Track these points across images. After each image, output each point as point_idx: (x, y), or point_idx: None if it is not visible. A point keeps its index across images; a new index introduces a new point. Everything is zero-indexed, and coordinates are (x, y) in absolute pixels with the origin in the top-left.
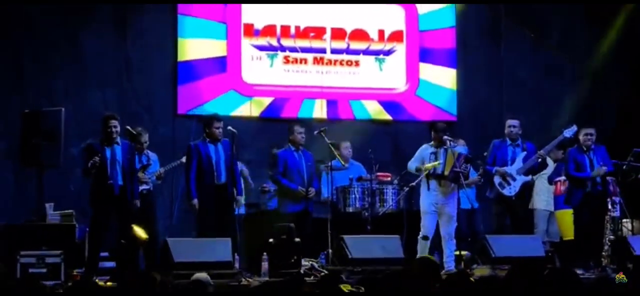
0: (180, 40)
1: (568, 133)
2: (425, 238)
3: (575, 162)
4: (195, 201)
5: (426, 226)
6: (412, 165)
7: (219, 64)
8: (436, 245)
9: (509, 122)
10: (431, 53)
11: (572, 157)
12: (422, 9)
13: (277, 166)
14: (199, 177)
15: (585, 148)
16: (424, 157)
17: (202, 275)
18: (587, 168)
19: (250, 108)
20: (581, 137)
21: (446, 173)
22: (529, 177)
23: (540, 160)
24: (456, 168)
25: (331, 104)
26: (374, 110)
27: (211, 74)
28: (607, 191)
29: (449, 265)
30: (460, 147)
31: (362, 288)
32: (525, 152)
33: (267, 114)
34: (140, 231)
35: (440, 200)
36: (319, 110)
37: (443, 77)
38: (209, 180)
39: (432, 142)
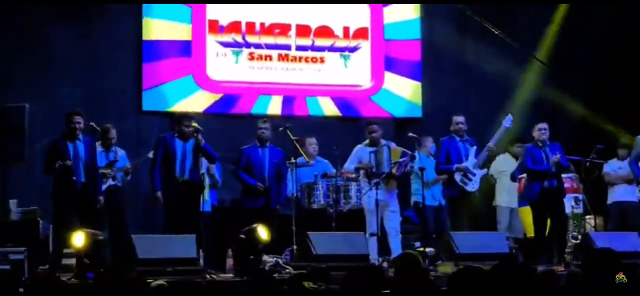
0: (145, 20)
1: (506, 122)
2: (372, 235)
3: (531, 157)
4: (159, 193)
5: (372, 224)
6: (350, 166)
7: (183, 48)
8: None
9: (456, 118)
10: (395, 63)
11: (529, 151)
12: (388, 17)
13: (240, 161)
14: (165, 172)
15: (540, 144)
16: (361, 157)
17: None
18: (544, 162)
19: (217, 105)
20: (535, 133)
21: (393, 171)
22: (485, 171)
23: (489, 152)
24: (404, 166)
25: (296, 101)
26: (339, 107)
27: (176, 71)
28: (562, 188)
29: None
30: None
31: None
32: (475, 147)
33: (234, 111)
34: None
35: (383, 197)
36: (285, 107)
37: (406, 89)
38: (174, 174)
39: (368, 142)
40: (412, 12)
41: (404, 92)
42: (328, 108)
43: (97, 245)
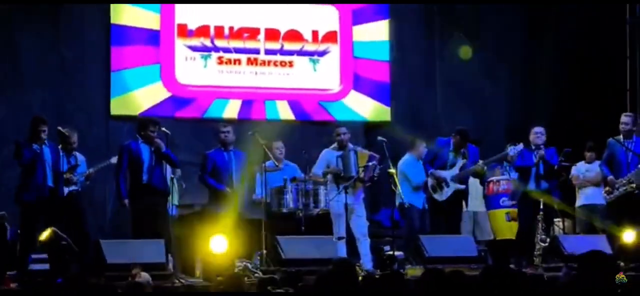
0: (114, 6)
1: (512, 151)
2: (340, 238)
3: (522, 157)
4: (126, 201)
5: (340, 228)
6: (318, 170)
7: (153, 70)
8: None
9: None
10: (364, 50)
11: (522, 152)
12: (357, 36)
13: (206, 166)
14: (132, 178)
15: (533, 147)
16: (329, 161)
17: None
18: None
19: (186, 110)
20: (531, 136)
21: (361, 175)
22: (463, 186)
23: (478, 169)
24: (372, 170)
25: (268, 105)
26: (311, 110)
27: (145, 78)
28: (552, 192)
29: (367, 264)
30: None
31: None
32: (465, 160)
33: (204, 115)
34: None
35: (350, 201)
36: (254, 111)
37: (377, 73)
38: (141, 180)
39: (335, 146)
40: (382, 33)
41: (367, 112)
42: (296, 111)
43: (61, 247)
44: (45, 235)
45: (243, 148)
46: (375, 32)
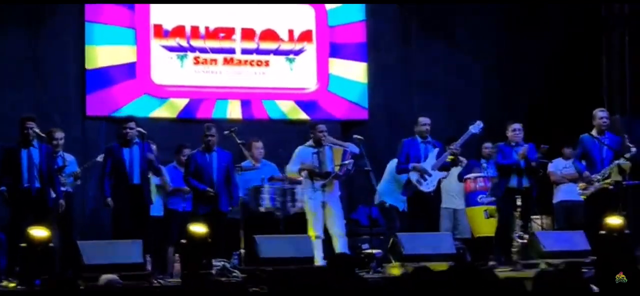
0: (88, 48)
1: (474, 129)
2: (317, 237)
3: (503, 154)
4: (109, 199)
5: (316, 226)
6: (293, 167)
7: (129, 70)
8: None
9: (422, 119)
10: (341, 48)
11: (500, 149)
12: (331, 5)
13: (189, 167)
14: (115, 179)
15: (513, 144)
16: (304, 158)
17: (111, 276)
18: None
19: (165, 111)
20: (509, 134)
21: (338, 171)
22: (444, 173)
23: (452, 156)
24: (347, 167)
25: (245, 104)
26: (289, 109)
27: (121, 81)
28: (532, 190)
29: None
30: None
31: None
32: (437, 149)
33: (182, 116)
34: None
35: (326, 199)
36: (233, 111)
37: (354, 72)
38: (123, 182)
39: (311, 143)
40: (358, 33)
41: (352, 74)
42: (277, 110)
43: (47, 250)
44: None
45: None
46: (352, 33)
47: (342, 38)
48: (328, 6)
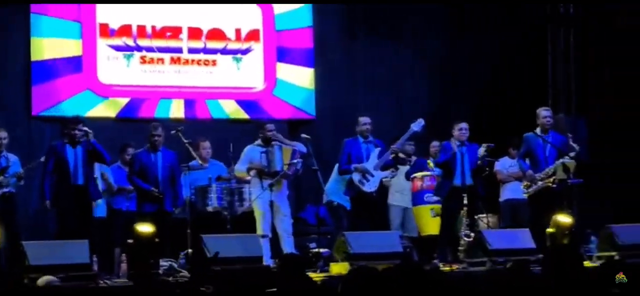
0: (34, 40)
1: (416, 127)
2: (264, 236)
3: (445, 152)
4: (48, 202)
5: (264, 226)
6: (241, 166)
7: (75, 64)
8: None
9: (362, 119)
10: (288, 52)
11: (444, 148)
12: (279, 8)
13: (133, 166)
14: (58, 179)
15: (459, 143)
16: (252, 157)
17: (49, 278)
18: (457, 161)
19: (107, 109)
20: (455, 133)
21: (287, 170)
22: (386, 173)
23: (393, 155)
24: (296, 166)
25: (188, 104)
26: (232, 109)
27: (66, 74)
28: (478, 188)
29: None
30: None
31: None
32: (378, 148)
33: (124, 114)
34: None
35: (274, 198)
36: (176, 110)
37: (300, 77)
38: (67, 181)
39: (259, 142)
40: (305, 33)
41: (299, 80)
42: (228, 109)
43: None
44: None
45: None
46: (300, 39)
47: (290, 42)
48: (276, 9)
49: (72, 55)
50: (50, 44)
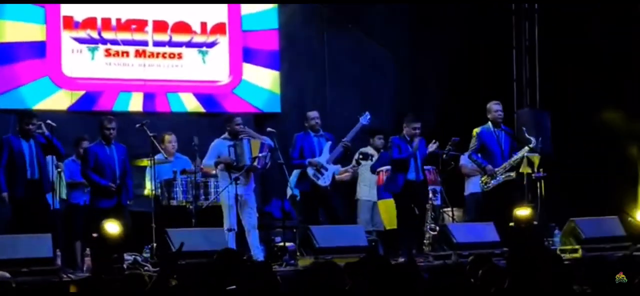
0: None
1: (364, 120)
2: (230, 230)
3: (399, 148)
4: (5, 194)
5: (231, 219)
6: (209, 161)
7: (37, 49)
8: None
9: (310, 114)
10: (254, 53)
11: (397, 143)
12: (246, 9)
13: (88, 161)
14: (12, 172)
15: (409, 139)
16: (220, 151)
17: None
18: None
19: (62, 100)
20: (407, 130)
21: (255, 164)
22: (338, 166)
23: (344, 147)
24: (264, 159)
25: (148, 97)
26: (193, 104)
27: (27, 59)
28: (427, 179)
29: (258, 256)
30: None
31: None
32: (330, 142)
33: (80, 107)
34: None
35: (242, 192)
36: (136, 104)
37: (265, 79)
38: (22, 175)
39: (226, 136)
40: (271, 20)
41: (263, 82)
42: (188, 104)
43: None
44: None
45: (131, 141)
46: (265, 40)
47: (255, 43)
48: (243, 9)
49: (34, 40)
50: (12, 27)
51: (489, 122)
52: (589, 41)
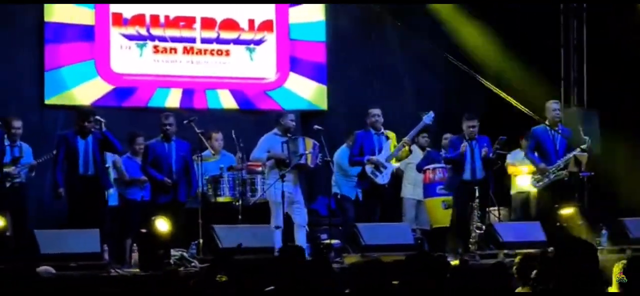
0: (47, 6)
1: (427, 119)
2: (277, 227)
3: (454, 148)
4: (62, 190)
5: (278, 217)
6: (261, 154)
7: (84, 32)
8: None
9: (372, 110)
10: (299, 63)
11: (453, 143)
12: (293, 18)
13: (147, 157)
14: (68, 169)
15: (468, 138)
16: (272, 147)
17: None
18: (466, 156)
19: (100, 87)
20: (465, 129)
21: (309, 162)
22: (398, 165)
23: (405, 147)
24: (316, 157)
25: (187, 93)
26: (228, 102)
27: (74, 41)
28: (489, 181)
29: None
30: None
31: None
32: (390, 140)
33: (111, 100)
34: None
35: (290, 189)
36: (174, 100)
37: (308, 90)
38: (78, 171)
39: (277, 132)
40: (317, 14)
41: (307, 93)
42: (230, 101)
43: (2, 239)
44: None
45: (180, 137)
46: (311, 13)
47: (302, 53)
48: (291, 17)
49: (82, 23)
50: (62, 8)
51: (546, 121)
52: (637, 39)
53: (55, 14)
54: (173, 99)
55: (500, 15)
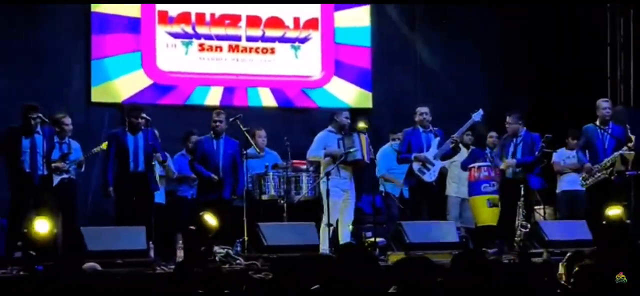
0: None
1: (476, 116)
2: (330, 225)
3: (501, 148)
4: (111, 189)
5: (333, 213)
6: (318, 151)
7: (130, 24)
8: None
9: (420, 109)
10: (345, 67)
11: (501, 144)
12: (339, 22)
13: (195, 153)
14: (118, 166)
15: (516, 139)
16: (328, 144)
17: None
18: (508, 156)
19: (141, 80)
20: (511, 128)
21: (365, 158)
22: (445, 162)
23: (453, 144)
24: (370, 153)
25: (228, 91)
26: (267, 99)
27: (119, 32)
28: (528, 179)
29: None
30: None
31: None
32: (438, 138)
33: (147, 97)
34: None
35: (348, 187)
36: (214, 98)
37: (352, 95)
38: (128, 168)
39: (332, 129)
40: (363, 18)
41: (349, 98)
42: (270, 99)
43: (51, 237)
44: (44, 227)
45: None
46: (357, 18)
47: (346, 58)
48: (336, 22)
49: (128, 15)
50: (110, 13)
51: (597, 119)
52: None
53: (101, 5)
54: (213, 97)
55: (546, 13)
